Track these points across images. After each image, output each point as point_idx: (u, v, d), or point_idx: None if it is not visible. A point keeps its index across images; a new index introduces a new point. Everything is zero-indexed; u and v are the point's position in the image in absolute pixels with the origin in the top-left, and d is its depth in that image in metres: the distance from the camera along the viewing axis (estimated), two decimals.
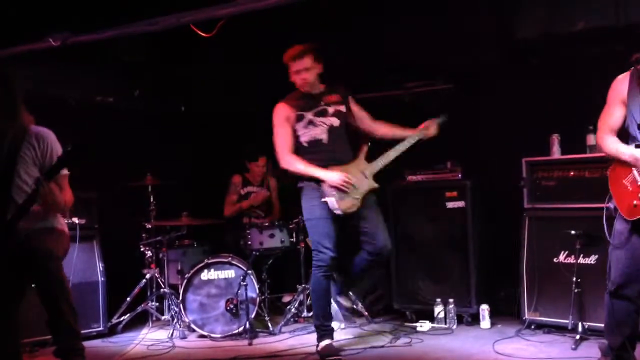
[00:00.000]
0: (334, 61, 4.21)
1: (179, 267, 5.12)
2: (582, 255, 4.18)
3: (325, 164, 3.97)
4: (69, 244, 3.33)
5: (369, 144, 4.10)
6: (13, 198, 3.02)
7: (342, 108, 4.09)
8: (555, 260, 4.35)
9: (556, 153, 4.51)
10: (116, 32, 4.22)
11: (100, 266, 4.90)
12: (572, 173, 4.36)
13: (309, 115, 4.03)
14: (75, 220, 4.66)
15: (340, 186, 3.87)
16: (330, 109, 4.06)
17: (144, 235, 5.25)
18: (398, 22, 4.95)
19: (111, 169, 5.34)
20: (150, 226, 5.21)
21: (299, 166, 3.99)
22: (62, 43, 4.24)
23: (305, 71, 3.98)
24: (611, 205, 3.17)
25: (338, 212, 3.91)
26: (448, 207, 4.84)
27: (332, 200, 3.90)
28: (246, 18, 3.99)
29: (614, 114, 3.14)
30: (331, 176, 3.90)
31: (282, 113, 4.05)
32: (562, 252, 4.32)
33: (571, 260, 4.25)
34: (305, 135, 4.04)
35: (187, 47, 5.09)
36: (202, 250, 5.35)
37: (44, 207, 3.01)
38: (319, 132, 4.03)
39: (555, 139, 4.51)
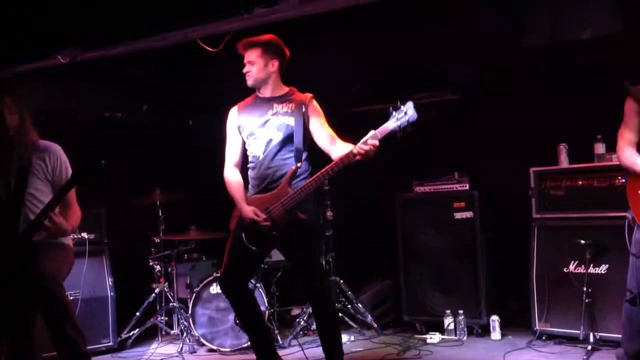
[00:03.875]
0: (339, 74, 4.21)
1: (188, 281, 5.13)
2: (592, 265, 4.16)
3: (258, 184, 3.59)
4: (74, 258, 3.33)
5: (298, 165, 3.45)
6: (24, 212, 3.04)
7: (290, 121, 3.50)
8: (565, 270, 4.33)
9: (564, 162, 4.50)
10: (124, 48, 4.27)
11: (109, 281, 4.91)
12: (580, 182, 4.35)
13: (251, 126, 3.60)
14: (85, 235, 4.68)
15: (260, 227, 3.45)
16: (274, 121, 3.53)
17: (152, 249, 5.26)
18: (405, 33, 4.97)
19: (120, 184, 5.36)
20: (158, 240, 5.23)
21: (229, 187, 3.66)
22: (70, 60, 4.28)
23: (248, 64, 3.55)
24: (629, 215, 3.18)
25: (252, 248, 3.53)
26: (456, 218, 4.82)
27: (243, 237, 3.56)
28: (253, 32, 4.01)
29: (631, 127, 3.18)
30: (244, 213, 3.52)
31: (230, 119, 3.71)
32: (572, 261, 4.30)
33: (581, 270, 4.22)
34: (249, 148, 3.64)
35: (194, 61, 5.13)
36: (210, 264, 5.35)
37: (47, 236, 3.00)
38: (257, 147, 3.58)
39: (563, 148, 4.51)
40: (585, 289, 4.09)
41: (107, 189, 5.10)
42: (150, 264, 5.21)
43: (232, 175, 3.66)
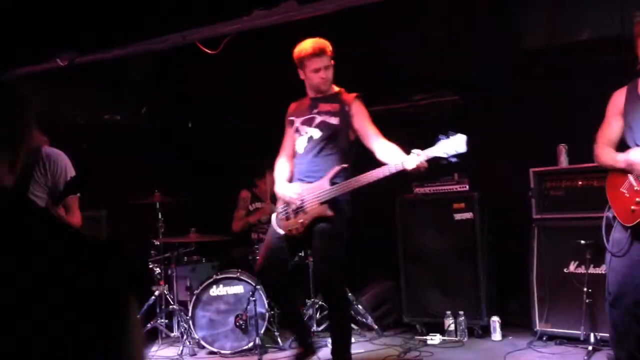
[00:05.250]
0: (339, 75, 4.21)
1: (188, 284, 5.13)
2: (592, 265, 4.16)
3: (298, 177, 3.73)
4: None
5: (344, 166, 3.59)
6: None
7: (333, 120, 3.64)
8: (565, 270, 4.33)
9: (564, 163, 4.50)
10: (123, 51, 4.27)
11: None
12: (580, 182, 4.34)
13: (297, 122, 3.77)
14: None
15: (290, 202, 3.64)
16: (318, 119, 3.68)
17: (152, 252, 5.25)
18: (404, 34, 4.97)
19: (119, 186, 5.36)
20: (158, 243, 5.22)
21: (276, 172, 3.81)
22: (69, 63, 4.28)
23: (325, 69, 3.64)
24: (610, 214, 3.17)
25: (279, 230, 3.68)
26: (456, 219, 4.82)
27: (274, 217, 3.76)
28: (251, 35, 4.01)
29: (612, 127, 3.18)
30: (283, 192, 3.68)
31: (286, 115, 3.92)
32: (572, 262, 4.30)
33: (582, 270, 4.22)
34: (295, 143, 3.79)
35: (193, 64, 5.13)
36: (210, 266, 5.35)
37: None
38: (299, 142, 3.74)
39: (563, 148, 4.51)
40: (585, 289, 4.09)
41: (107, 191, 5.09)
42: (150, 266, 5.20)
43: (280, 163, 3.83)
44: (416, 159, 3.35)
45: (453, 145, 3.33)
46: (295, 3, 3.65)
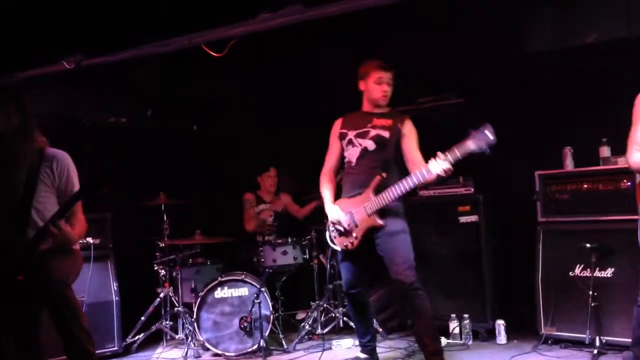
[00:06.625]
0: (344, 79, 4.22)
1: (193, 286, 5.13)
2: (598, 268, 4.14)
3: (350, 188, 3.90)
4: (82, 263, 3.34)
5: (383, 175, 3.71)
6: (32, 221, 3.05)
7: (386, 134, 3.82)
8: (570, 274, 4.31)
9: (569, 166, 4.49)
10: (129, 53, 4.28)
11: (114, 286, 4.91)
12: (585, 186, 4.33)
13: (351, 134, 3.93)
14: (90, 240, 4.69)
15: (334, 226, 3.90)
16: (372, 132, 3.86)
17: (157, 254, 5.27)
18: (408, 38, 4.97)
19: (125, 188, 5.37)
20: (163, 245, 5.23)
21: (322, 190, 4.03)
22: (76, 65, 4.30)
23: (387, 84, 3.91)
24: None
25: (335, 247, 3.96)
26: (461, 222, 4.81)
27: (327, 235, 3.98)
28: (256, 38, 4.02)
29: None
30: (330, 214, 3.91)
31: (333, 129, 4.07)
32: (578, 265, 4.28)
33: (587, 273, 4.20)
34: (347, 155, 3.96)
35: (199, 67, 5.14)
36: (215, 268, 5.36)
37: (54, 245, 3.01)
38: (352, 154, 3.91)
39: (568, 151, 4.50)
40: (591, 292, 4.08)
41: (112, 193, 5.09)
42: (155, 268, 5.21)
43: (326, 178, 4.05)
44: (441, 163, 3.42)
45: (484, 136, 3.34)
46: (301, 6, 3.66)
